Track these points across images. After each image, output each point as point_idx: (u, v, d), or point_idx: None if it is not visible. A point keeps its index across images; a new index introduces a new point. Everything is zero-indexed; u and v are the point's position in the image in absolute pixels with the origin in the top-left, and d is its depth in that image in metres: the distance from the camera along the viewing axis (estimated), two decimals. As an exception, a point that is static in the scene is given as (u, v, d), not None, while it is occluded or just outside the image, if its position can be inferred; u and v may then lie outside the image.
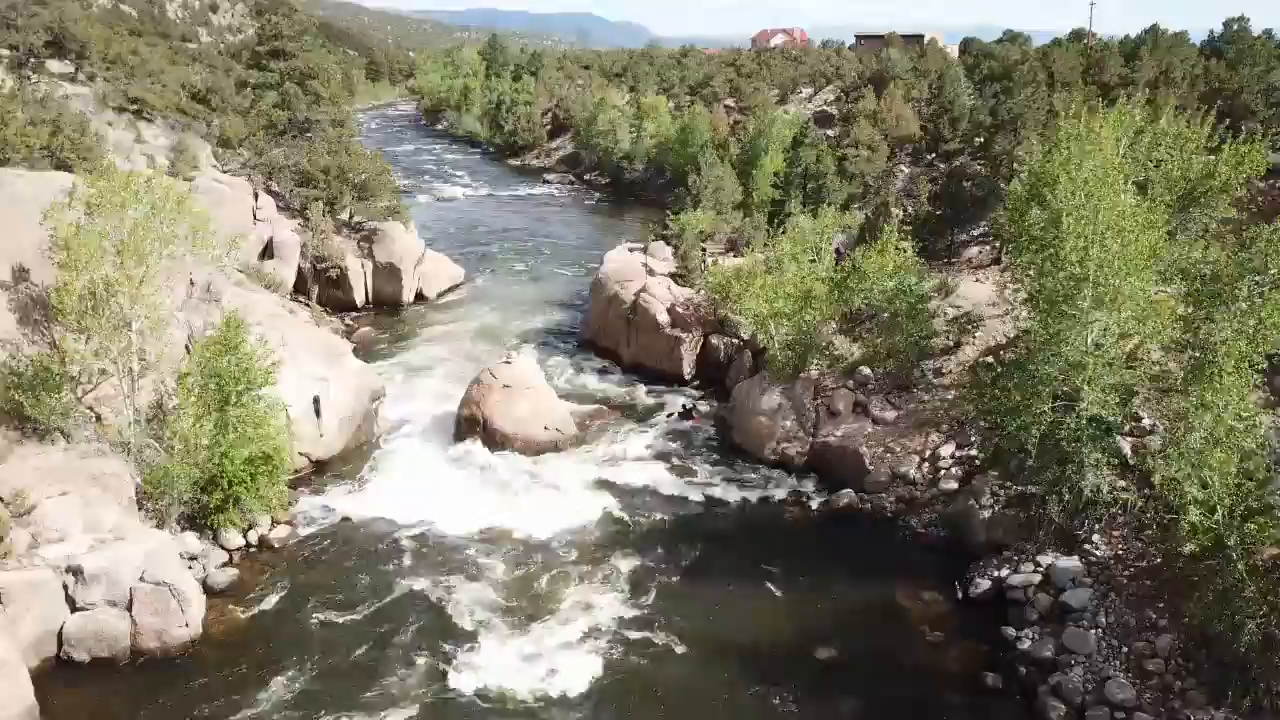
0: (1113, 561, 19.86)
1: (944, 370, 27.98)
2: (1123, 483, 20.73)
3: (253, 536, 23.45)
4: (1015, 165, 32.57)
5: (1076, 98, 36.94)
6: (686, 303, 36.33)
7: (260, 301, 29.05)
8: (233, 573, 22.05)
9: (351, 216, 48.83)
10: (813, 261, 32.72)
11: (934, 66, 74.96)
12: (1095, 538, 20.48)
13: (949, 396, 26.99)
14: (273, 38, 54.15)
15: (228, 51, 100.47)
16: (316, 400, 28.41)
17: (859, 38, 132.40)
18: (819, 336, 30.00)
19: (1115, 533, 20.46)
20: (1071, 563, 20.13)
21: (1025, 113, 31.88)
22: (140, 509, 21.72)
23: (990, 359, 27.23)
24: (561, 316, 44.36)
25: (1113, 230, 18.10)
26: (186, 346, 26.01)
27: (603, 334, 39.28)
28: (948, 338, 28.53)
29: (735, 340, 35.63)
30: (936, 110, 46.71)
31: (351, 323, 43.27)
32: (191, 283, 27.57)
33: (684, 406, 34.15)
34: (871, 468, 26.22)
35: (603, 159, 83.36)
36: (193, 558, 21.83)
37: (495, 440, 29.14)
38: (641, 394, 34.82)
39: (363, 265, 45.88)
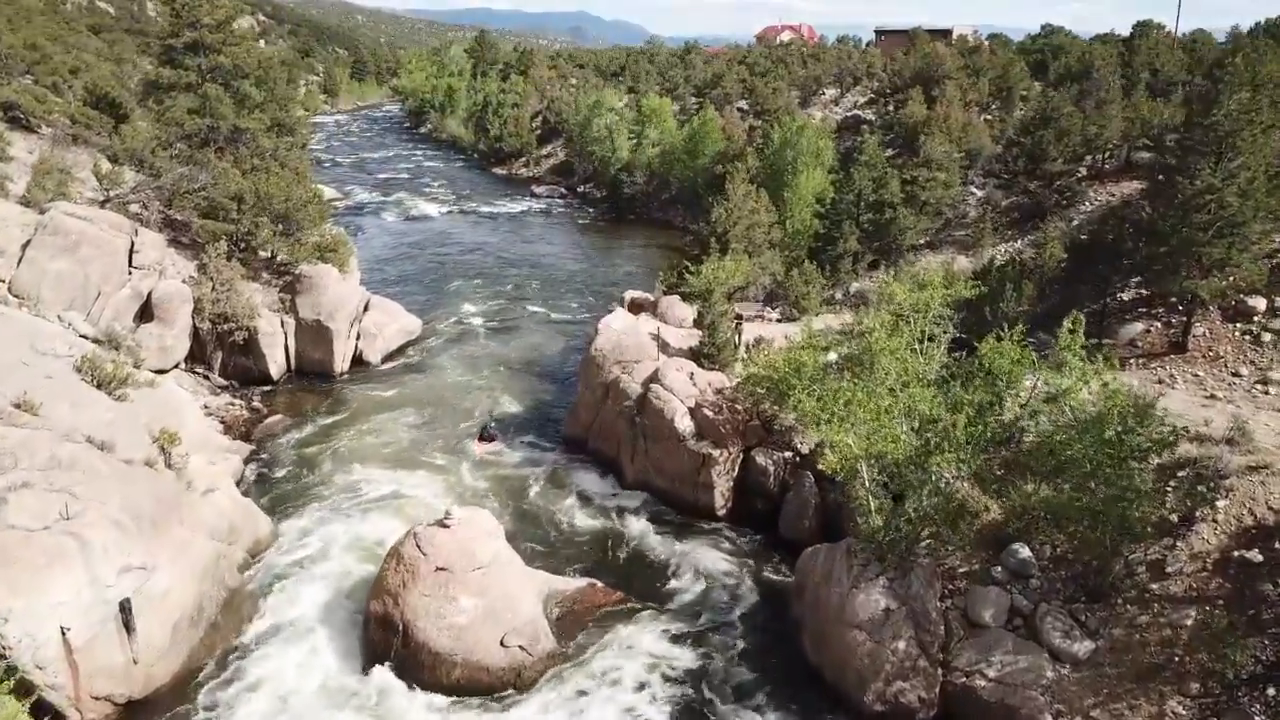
0: None
1: (1169, 565, 16.69)
2: None
3: None
4: (1218, 208, 21.51)
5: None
6: (718, 400, 25.13)
7: (33, 441, 17.71)
8: None
9: (275, 257, 37.69)
10: (913, 351, 21.64)
11: (988, 63, 64.00)
12: None
13: (1186, 620, 15.78)
14: (188, 26, 42.65)
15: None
16: (125, 606, 17.26)
17: (879, 33, 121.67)
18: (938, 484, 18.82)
19: None
20: None
21: (1241, 129, 20.79)
22: None
23: (1257, 554, 16.13)
24: (541, 393, 33.24)
25: None
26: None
27: (596, 433, 28.11)
28: (1166, 506, 17.28)
29: (788, 455, 24.58)
30: (1034, 119, 35.61)
31: (260, 405, 32.03)
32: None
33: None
34: (1065, 758, 15.07)
35: (599, 169, 72.29)
36: None
37: (421, 665, 17.91)
38: (654, 543, 23.64)
39: (282, 323, 34.59)
